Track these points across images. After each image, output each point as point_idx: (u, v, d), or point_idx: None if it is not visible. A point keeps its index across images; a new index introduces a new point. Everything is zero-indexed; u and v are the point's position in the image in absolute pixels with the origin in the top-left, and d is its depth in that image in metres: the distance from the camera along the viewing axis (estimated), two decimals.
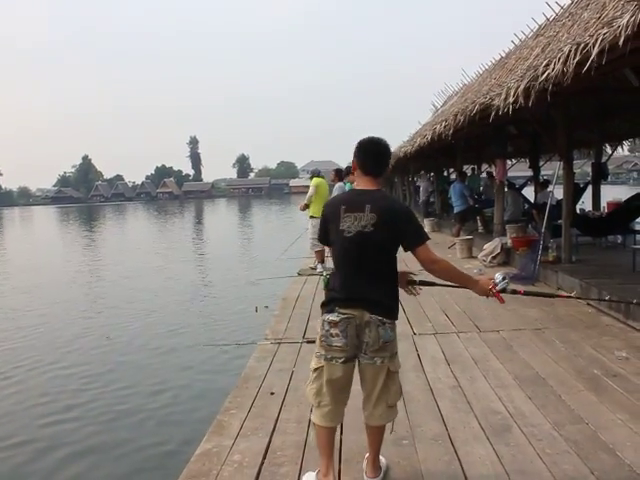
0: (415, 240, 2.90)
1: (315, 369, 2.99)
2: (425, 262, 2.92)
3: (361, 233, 2.85)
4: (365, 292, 2.87)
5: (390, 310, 2.92)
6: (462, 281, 3.10)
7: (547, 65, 5.92)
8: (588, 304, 6.93)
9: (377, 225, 2.83)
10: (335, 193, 9.81)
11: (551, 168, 14.02)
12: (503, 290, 3.08)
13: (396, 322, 2.99)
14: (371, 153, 3.03)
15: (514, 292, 3.21)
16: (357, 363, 2.97)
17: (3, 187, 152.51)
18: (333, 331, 2.87)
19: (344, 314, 2.86)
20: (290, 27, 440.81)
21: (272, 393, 4.49)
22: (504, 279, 3.09)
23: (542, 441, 3.46)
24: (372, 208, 2.86)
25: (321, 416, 2.99)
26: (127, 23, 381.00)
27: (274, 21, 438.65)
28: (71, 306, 12.24)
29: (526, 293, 3.43)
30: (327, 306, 2.95)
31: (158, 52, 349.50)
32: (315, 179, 10.75)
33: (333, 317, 2.87)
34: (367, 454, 3.16)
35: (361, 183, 3.02)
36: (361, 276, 2.89)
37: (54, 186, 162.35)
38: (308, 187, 10.94)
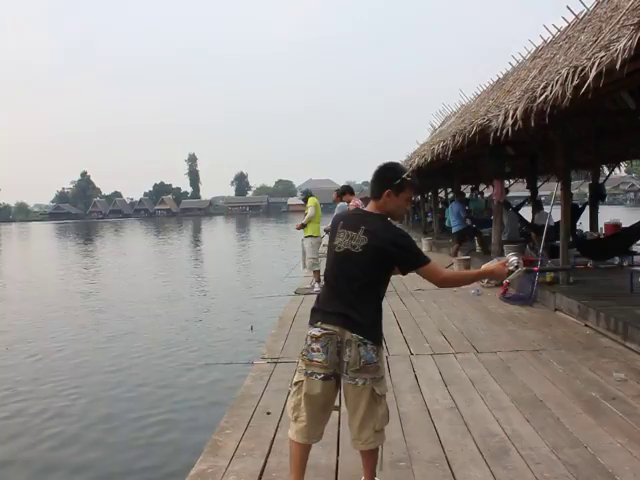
0: (411, 265, 2.93)
1: (295, 383, 3.01)
2: (432, 282, 3.01)
3: (349, 252, 2.91)
4: (345, 309, 2.88)
5: (370, 332, 2.89)
6: (477, 278, 3.29)
7: (545, 87, 5.96)
8: (586, 325, 6.91)
9: (366, 248, 2.86)
10: (337, 212, 9.82)
11: (549, 188, 14.09)
12: (514, 270, 3.07)
13: (381, 348, 2.97)
14: (372, 178, 3.08)
15: (528, 271, 3.22)
16: (342, 384, 2.97)
17: (1, 202, 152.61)
18: (314, 346, 2.89)
19: (325, 329, 2.88)
20: (290, 48, 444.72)
21: (268, 413, 4.44)
22: (517, 261, 3.08)
23: (540, 464, 3.42)
24: (365, 231, 2.89)
25: (296, 431, 2.98)
26: (126, 42, 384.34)
27: (274, 42, 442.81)
28: (60, 322, 12.19)
29: (541, 270, 3.42)
30: (312, 317, 3.01)
31: (157, 70, 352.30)
32: (312, 199, 10.74)
33: (315, 332, 2.91)
34: (363, 477, 3.13)
35: (368, 205, 3.09)
36: (343, 293, 2.92)
37: (52, 202, 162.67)
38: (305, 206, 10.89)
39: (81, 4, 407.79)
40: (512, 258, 3.10)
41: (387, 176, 3.01)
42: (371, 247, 2.86)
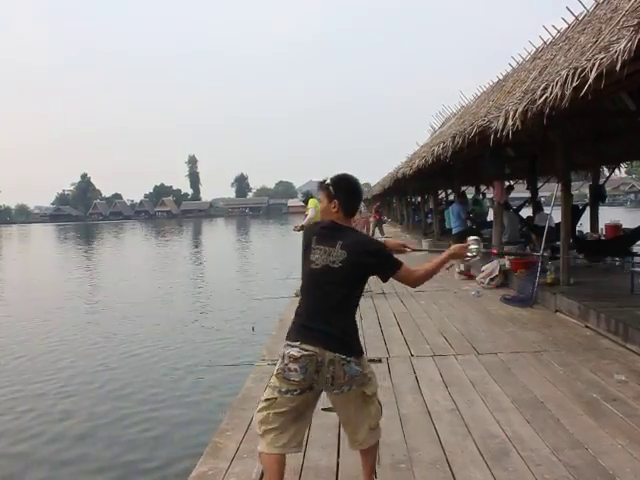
0: (388, 271, 2.98)
1: (267, 399, 2.90)
2: (407, 284, 3.11)
3: (328, 267, 2.87)
4: (324, 326, 2.82)
5: (350, 347, 2.86)
6: (443, 263, 3.17)
7: (545, 88, 5.96)
8: (587, 326, 6.90)
9: (345, 262, 2.85)
10: None
11: (549, 189, 14.08)
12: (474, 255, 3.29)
13: (363, 356, 2.95)
14: (351, 192, 3.03)
15: (487, 254, 3.38)
16: (326, 394, 2.95)
17: (1, 204, 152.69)
18: (292, 366, 2.79)
19: (306, 350, 2.79)
20: (290, 48, 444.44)
21: None
22: (476, 249, 3.30)
23: (541, 466, 3.42)
24: (343, 245, 2.87)
25: (266, 443, 2.87)
26: (127, 43, 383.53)
27: (274, 42, 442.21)
28: (56, 322, 12.18)
29: (499, 254, 3.56)
30: (290, 333, 2.90)
31: (157, 71, 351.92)
32: (312, 201, 10.70)
33: (294, 352, 2.80)
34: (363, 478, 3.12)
35: (337, 217, 2.99)
36: (322, 308, 2.87)
37: (52, 204, 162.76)
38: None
39: (81, 4, 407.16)
40: (472, 245, 3.30)
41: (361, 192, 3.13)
42: (350, 261, 2.84)
